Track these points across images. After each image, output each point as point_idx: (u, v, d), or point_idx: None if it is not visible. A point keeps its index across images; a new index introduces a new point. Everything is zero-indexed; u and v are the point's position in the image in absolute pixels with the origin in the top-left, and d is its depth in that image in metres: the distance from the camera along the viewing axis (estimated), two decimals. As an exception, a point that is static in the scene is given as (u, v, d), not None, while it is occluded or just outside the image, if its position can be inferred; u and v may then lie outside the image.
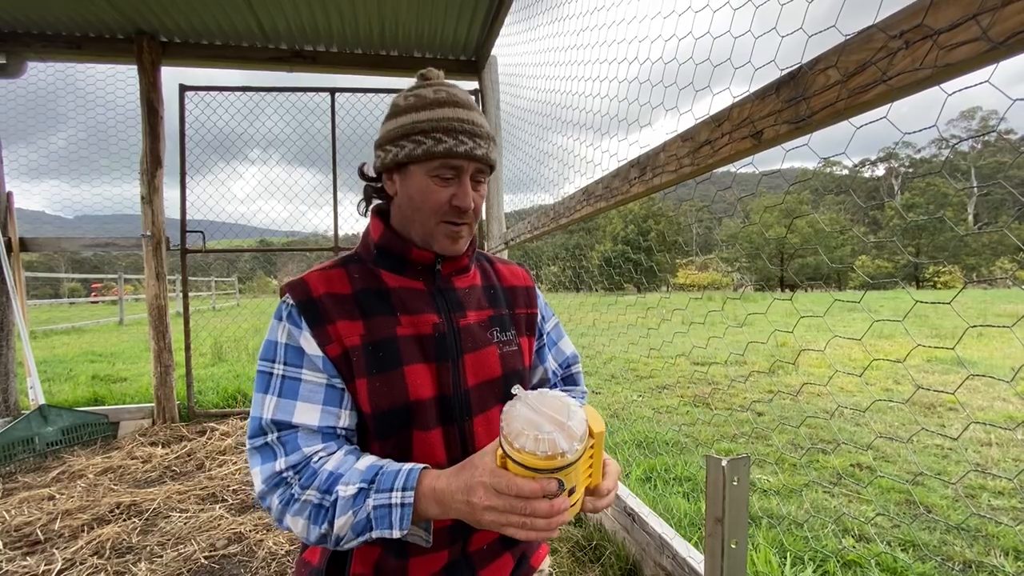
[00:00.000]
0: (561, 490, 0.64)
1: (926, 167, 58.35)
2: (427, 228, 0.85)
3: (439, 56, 4.27)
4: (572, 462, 0.62)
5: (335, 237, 4.48)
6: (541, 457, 0.60)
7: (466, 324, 0.89)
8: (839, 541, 2.17)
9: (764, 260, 27.84)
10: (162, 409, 3.90)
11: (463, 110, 0.84)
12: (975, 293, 20.73)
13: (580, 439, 0.62)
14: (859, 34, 0.77)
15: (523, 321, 0.99)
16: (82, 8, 3.46)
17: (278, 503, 0.74)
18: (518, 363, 0.93)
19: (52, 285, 26.69)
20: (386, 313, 0.84)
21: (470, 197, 0.84)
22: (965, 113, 72.86)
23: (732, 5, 1.12)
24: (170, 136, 3.97)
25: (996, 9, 0.60)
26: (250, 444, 0.78)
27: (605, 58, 1.83)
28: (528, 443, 0.60)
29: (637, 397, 4.86)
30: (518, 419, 0.63)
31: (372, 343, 0.80)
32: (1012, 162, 39.94)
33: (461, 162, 0.82)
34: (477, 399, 0.86)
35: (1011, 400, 4.45)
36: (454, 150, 0.80)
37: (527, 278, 1.05)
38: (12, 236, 3.67)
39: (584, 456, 0.65)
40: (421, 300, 0.87)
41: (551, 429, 0.62)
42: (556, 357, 1.08)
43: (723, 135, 1.06)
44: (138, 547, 2.15)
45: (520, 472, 0.63)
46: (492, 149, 0.87)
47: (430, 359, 0.84)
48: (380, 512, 0.69)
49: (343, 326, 0.80)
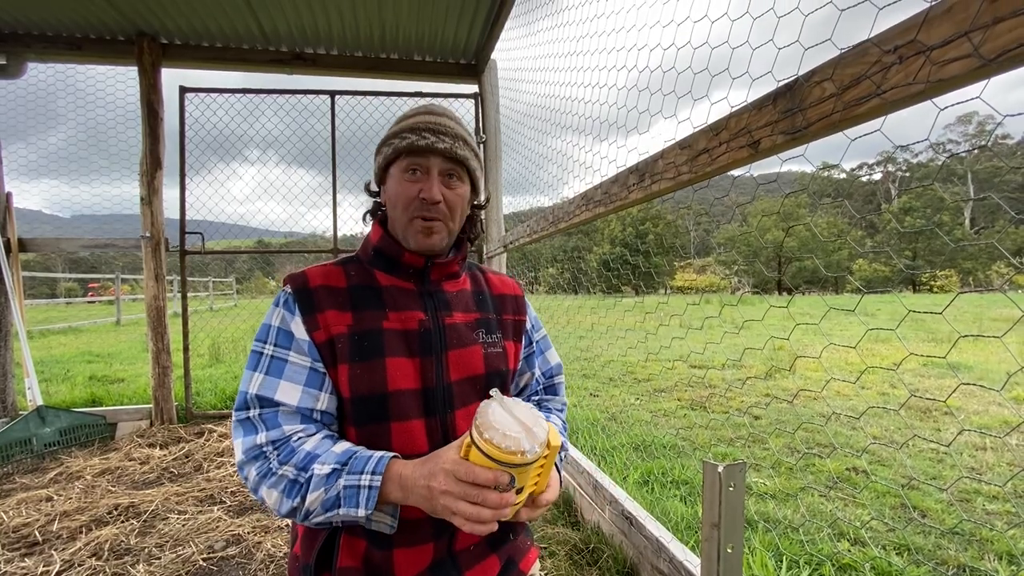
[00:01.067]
0: (511, 486, 0.72)
1: (923, 171, 58.59)
2: (403, 224, 0.91)
3: (439, 59, 4.29)
4: (528, 463, 0.70)
5: (334, 239, 4.49)
6: (503, 451, 0.69)
7: (452, 323, 0.93)
8: (834, 545, 2.19)
9: (762, 265, 27.93)
10: (160, 410, 3.90)
11: (433, 116, 0.91)
12: (971, 297, 20.81)
13: (539, 446, 0.71)
14: (854, 48, 0.78)
15: (510, 327, 1.02)
16: (83, 9, 3.47)
17: (255, 475, 0.79)
18: (502, 364, 0.96)
19: (49, 285, 26.58)
20: (375, 308, 0.89)
21: (435, 189, 0.88)
22: (962, 118, 73.25)
23: (730, 16, 1.14)
24: (169, 136, 3.97)
25: (987, 27, 0.61)
26: (235, 416, 0.84)
27: (604, 65, 1.85)
28: (496, 436, 0.69)
29: (635, 400, 4.88)
30: (491, 415, 0.71)
31: (358, 333, 0.86)
32: (1007, 167, 40.21)
33: (426, 157, 0.88)
34: (459, 393, 0.90)
35: (1006, 404, 4.47)
36: (415, 144, 0.87)
37: (516, 288, 1.09)
38: (11, 237, 3.66)
39: (537, 463, 0.73)
40: (410, 298, 0.92)
41: (518, 430, 0.71)
42: (541, 366, 1.11)
43: (721, 144, 1.07)
44: (136, 549, 2.16)
45: (481, 461, 0.71)
46: (461, 147, 0.91)
47: (414, 353, 0.88)
48: (349, 492, 0.75)
49: (332, 315, 0.86)
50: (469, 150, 0.93)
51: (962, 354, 6.95)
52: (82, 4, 3.40)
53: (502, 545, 0.95)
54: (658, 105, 1.49)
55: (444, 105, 1.00)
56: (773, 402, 4.65)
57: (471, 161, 0.93)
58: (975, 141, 68.34)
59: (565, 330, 10.35)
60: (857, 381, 5.29)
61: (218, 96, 4.24)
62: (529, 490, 0.79)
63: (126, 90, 4.12)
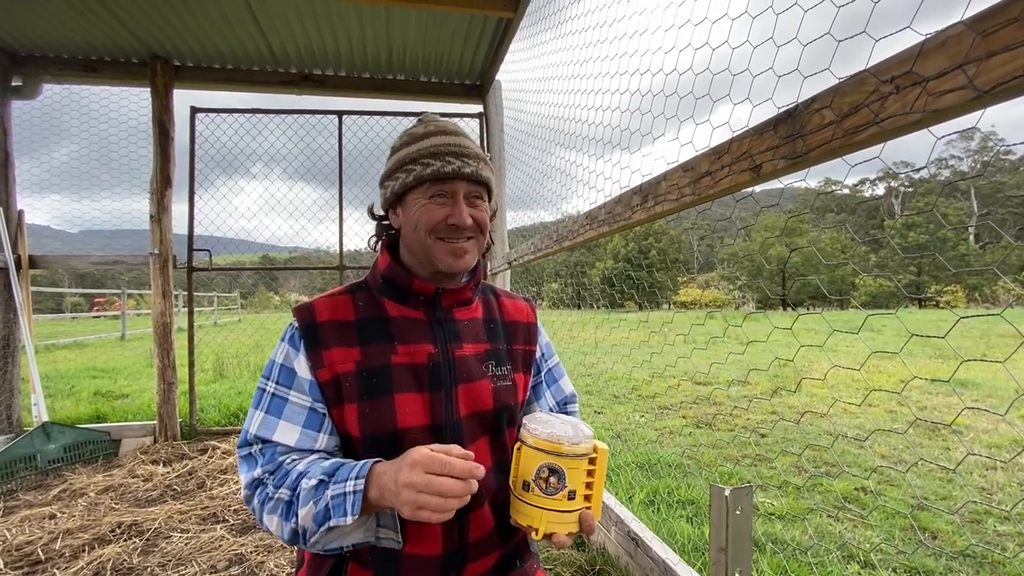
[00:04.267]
0: (562, 484, 0.76)
1: (926, 187, 58.66)
2: (427, 247, 0.88)
3: (444, 80, 4.37)
4: (576, 455, 0.76)
5: (340, 256, 4.53)
6: (546, 440, 0.76)
7: (462, 355, 0.90)
8: (844, 568, 2.15)
9: (765, 280, 27.88)
10: (164, 427, 3.90)
11: (450, 136, 0.89)
12: (976, 311, 20.65)
13: (582, 441, 0.77)
14: (852, 77, 0.80)
15: (520, 357, 0.99)
16: (99, 33, 3.56)
17: (258, 503, 0.80)
18: (510, 399, 0.94)
19: (55, 299, 26.75)
20: (384, 341, 0.87)
21: (465, 214, 0.87)
22: (964, 134, 73.49)
23: (730, 44, 1.17)
24: (178, 154, 4.04)
25: (981, 60, 0.63)
26: (238, 453, 0.86)
27: (605, 88, 1.88)
28: (542, 429, 0.77)
29: (640, 418, 4.84)
30: (538, 415, 0.83)
31: (366, 369, 0.84)
32: (1010, 183, 40.18)
33: (452, 183, 0.87)
34: (468, 429, 0.88)
35: (1015, 423, 4.42)
36: (442, 171, 0.85)
37: (530, 314, 1.06)
38: (23, 254, 3.71)
39: (584, 461, 0.78)
40: (419, 330, 0.89)
41: (564, 425, 0.79)
42: (555, 394, 1.09)
43: (723, 167, 1.09)
44: (139, 568, 2.14)
45: (529, 454, 0.78)
46: (483, 168, 0.89)
47: (423, 388, 0.86)
48: (336, 501, 0.73)
49: (337, 352, 0.85)
50: (487, 167, 0.92)
51: (970, 371, 6.88)
52: (98, 28, 3.49)
53: (510, 571, 0.94)
54: (661, 127, 1.52)
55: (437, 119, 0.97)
56: (779, 421, 4.61)
57: (492, 180, 0.92)
58: (977, 157, 68.53)
59: (570, 347, 10.32)
60: (861, 404, 5.24)
61: (227, 116, 4.32)
62: (582, 497, 0.78)
63: (131, 106, 4.17)
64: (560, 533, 0.77)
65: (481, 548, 0.88)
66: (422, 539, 0.82)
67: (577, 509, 0.78)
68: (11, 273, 3.60)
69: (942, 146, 34.06)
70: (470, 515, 0.85)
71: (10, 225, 3.68)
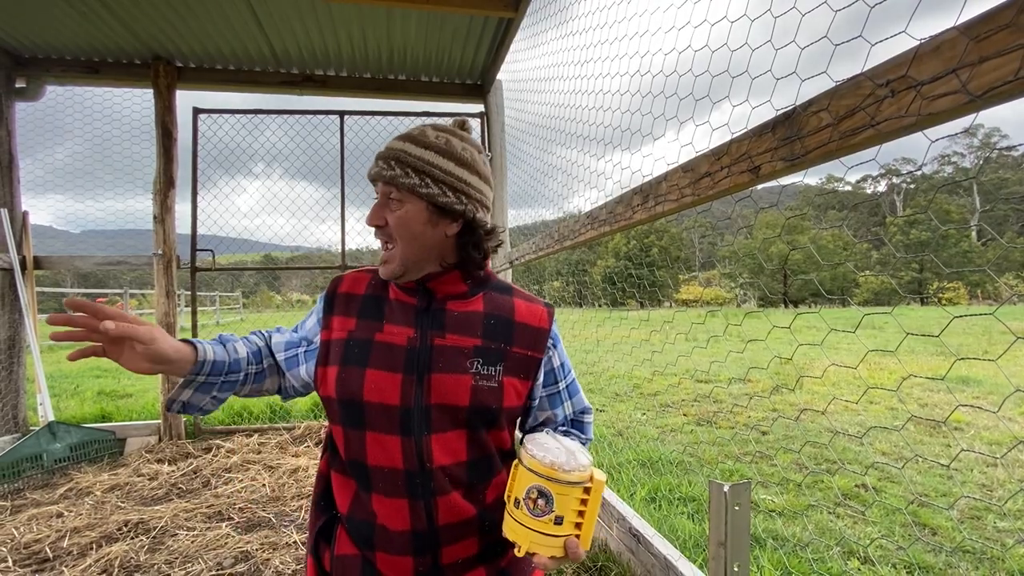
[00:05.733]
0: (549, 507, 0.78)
1: (928, 183, 58.51)
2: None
3: (445, 80, 4.38)
4: (568, 482, 0.77)
5: (342, 255, 4.55)
6: (539, 463, 0.77)
7: (441, 344, 0.90)
8: (844, 564, 2.17)
9: (767, 278, 27.84)
10: (169, 426, 3.92)
11: (400, 141, 0.92)
12: (980, 309, 20.62)
13: (578, 469, 0.77)
14: (849, 80, 0.82)
15: (518, 361, 0.94)
16: (101, 35, 3.58)
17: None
18: (492, 401, 0.89)
19: (58, 299, 26.81)
20: (375, 319, 0.94)
21: (371, 214, 0.93)
22: (968, 130, 73.11)
23: (729, 46, 1.18)
24: (180, 153, 4.06)
25: (974, 65, 0.64)
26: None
27: (606, 89, 1.90)
28: (538, 452, 0.79)
29: (641, 416, 4.86)
30: (539, 437, 0.84)
31: (353, 340, 0.92)
32: (1013, 179, 40.05)
33: (376, 185, 0.94)
34: (437, 418, 0.87)
35: (1016, 419, 4.43)
36: (369, 173, 0.94)
37: (543, 320, 0.99)
38: (27, 255, 3.74)
39: (578, 490, 0.78)
40: (407, 314, 0.94)
41: (562, 451, 0.79)
42: (569, 409, 1.07)
43: (722, 168, 1.10)
44: (146, 565, 2.17)
45: (523, 474, 0.79)
46: (406, 175, 0.87)
47: (397, 369, 0.88)
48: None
49: (338, 320, 0.96)
50: (413, 172, 0.87)
51: (971, 368, 6.89)
52: (100, 30, 3.51)
53: (493, 559, 0.93)
54: (661, 127, 1.54)
55: (443, 124, 0.97)
56: (780, 418, 4.62)
57: (420, 186, 0.87)
58: (980, 154, 68.32)
59: (572, 345, 10.34)
60: (859, 401, 5.25)
61: (229, 116, 4.34)
62: (571, 524, 0.78)
63: (132, 106, 4.19)
64: (543, 555, 0.78)
65: (454, 533, 0.89)
66: (390, 514, 0.87)
67: (563, 535, 0.78)
68: (16, 274, 3.63)
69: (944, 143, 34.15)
70: (437, 499, 0.87)
71: (15, 226, 3.71)
